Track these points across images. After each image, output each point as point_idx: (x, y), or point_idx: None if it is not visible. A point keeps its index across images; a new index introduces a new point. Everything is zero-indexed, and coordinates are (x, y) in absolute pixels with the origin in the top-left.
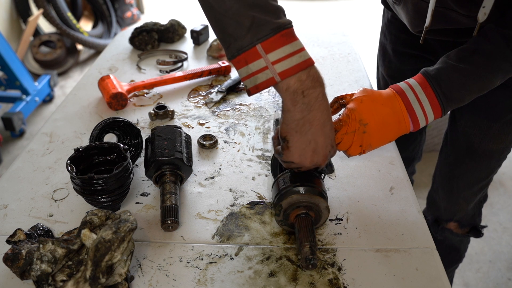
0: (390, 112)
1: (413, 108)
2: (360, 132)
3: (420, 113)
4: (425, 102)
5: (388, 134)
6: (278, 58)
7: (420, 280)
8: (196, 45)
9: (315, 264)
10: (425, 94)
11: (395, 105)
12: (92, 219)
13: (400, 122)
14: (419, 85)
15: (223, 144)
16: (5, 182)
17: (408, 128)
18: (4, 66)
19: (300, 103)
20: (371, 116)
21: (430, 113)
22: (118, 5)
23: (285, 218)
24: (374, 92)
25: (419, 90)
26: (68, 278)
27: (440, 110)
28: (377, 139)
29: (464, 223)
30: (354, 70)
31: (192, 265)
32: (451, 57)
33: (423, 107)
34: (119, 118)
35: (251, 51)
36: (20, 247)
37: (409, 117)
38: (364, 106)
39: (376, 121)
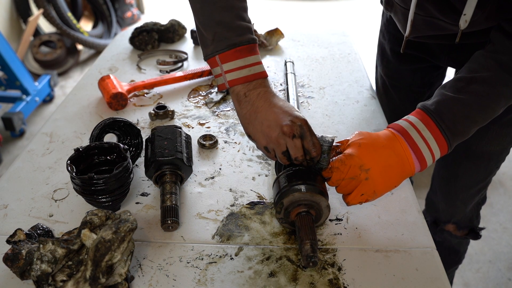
0: (392, 154)
1: (419, 147)
2: (362, 179)
3: (427, 151)
4: (431, 140)
5: (392, 179)
6: (230, 69)
7: (420, 280)
8: (196, 45)
9: (316, 262)
10: (429, 130)
11: (397, 146)
12: (92, 219)
13: (404, 164)
14: (421, 122)
15: (223, 144)
16: (5, 182)
17: (413, 169)
18: (4, 66)
19: (243, 102)
20: (373, 160)
21: (437, 150)
22: (118, 5)
23: (286, 216)
24: (372, 135)
25: (422, 127)
26: (68, 278)
27: (446, 145)
28: (382, 185)
29: (462, 225)
30: (354, 70)
31: (192, 265)
32: (448, 89)
33: (429, 144)
34: (119, 118)
35: (213, 59)
36: (20, 247)
37: (414, 157)
38: (363, 150)
39: (378, 165)
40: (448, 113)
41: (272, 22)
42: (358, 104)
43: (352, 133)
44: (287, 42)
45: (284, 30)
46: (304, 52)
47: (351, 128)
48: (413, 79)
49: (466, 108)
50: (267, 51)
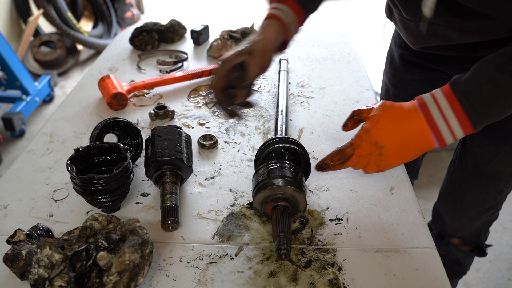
0: (409, 130)
1: (437, 125)
2: (376, 154)
3: (446, 131)
4: (452, 119)
5: (407, 154)
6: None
7: (420, 280)
8: (196, 45)
9: (287, 254)
10: (452, 109)
11: (415, 121)
12: (93, 224)
13: (421, 139)
14: (445, 98)
15: (223, 144)
16: (5, 182)
17: (432, 145)
18: (4, 66)
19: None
20: (388, 138)
21: (458, 130)
22: (118, 5)
23: (263, 209)
24: (394, 108)
25: (445, 105)
26: (66, 285)
27: (470, 126)
28: (396, 159)
29: (468, 240)
30: (354, 70)
31: (192, 265)
32: (486, 64)
33: (449, 124)
34: (119, 118)
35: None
36: (20, 248)
37: (433, 134)
38: (380, 127)
39: (393, 143)
40: (477, 93)
41: None
42: (358, 104)
43: (376, 103)
44: None
45: None
46: (304, 52)
47: None
48: (419, 90)
49: (499, 90)
50: None
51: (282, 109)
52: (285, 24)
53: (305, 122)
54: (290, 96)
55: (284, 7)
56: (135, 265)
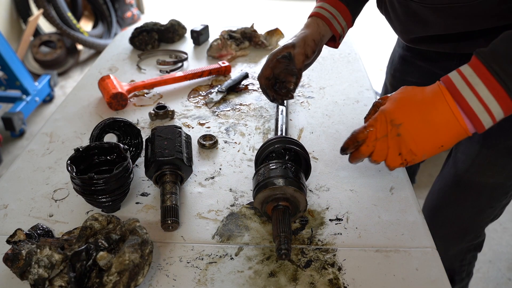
0: (433, 110)
1: (464, 98)
2: (394, 135)
3: (477, 104)
4: (480, 86)
5: (435, 137)
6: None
7: (420, 280)
8: (196, 45)
9: (287, 254)
10: (478, 75)
11: (440, 101)
12: (93, 224)
13: (451, 122)
14: (469, 67)
15: (223, 144)
16: (5, 182)
17: (466, 129)
18: (4, 66)
19: None
20: (405, 114)
21: (492, 102)
22: (118, 5)
23: (263, 209)
24: (415, 89)
25: (470, 73)
26: (66, 285)
27: (505, 94)
28: (420, 143)
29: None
30: (354, 70)
31: (192, 265)
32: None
33: (479, 94)
34: (119, 118)
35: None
36: (20, 247)
37: (463, 113)
38: (397, 103)
39: (412, 120)
40: (505, 51)
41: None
42: (358, 104)
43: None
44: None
45: (284, 30)
46: None
47: (351, 128)
48: None
49: None
50: (267, 51)
51: (282, 109)
52: (326, 19)
53: (305, 122)
54: None
55: (325, 5)
56: (135, 265)
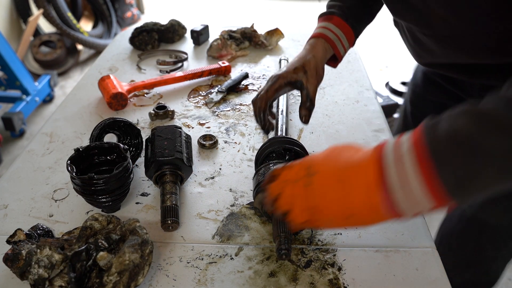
0: (352, 172)
1: (388, 177)
2: (305, 183)
3: (401, 195)
4: (412, 176)
5: (344, 202)
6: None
7: (420, 280)
8: (196, 45)
9: (287, 254)
10: (417, 161)
11: (363, 167)
12: (93, 224)
13: (364, 194)
14: (408, 141)
15: (223, 144)
16: (5, 182)
17: (379, 206)
18: (4, 66)
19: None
20: (324, 166)
21: (422, 199)
22: (118, 5)
23: (265, 212)
24: (348, 147)
25: (406, 150)
26: (66, 285)
27: (440, 187)
28: (328, 202)
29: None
30: (354, 70)
31: (192, 265)
32: (488, 101)
33: (408, 182)
34: (119, 118)
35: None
36: (20, 248)
37: (382, 198)
38: (322, 154)
39: (328, 173)
40: (456, 145)
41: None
42: (358, 104)
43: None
44: (287, 42)
45: (284, 30)
46: None
47: (351, 128)
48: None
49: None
50: (267, 51)
51: (282, 109)
52: (331, 41)
53: None
54: (290, 96)
55: (330, 25)
56: (135, 265)
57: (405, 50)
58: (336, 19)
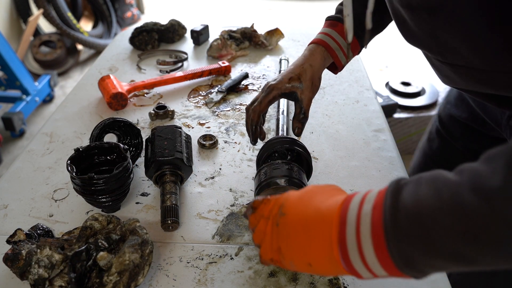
0: (317, 221)
1: (346, 236)
2: (274, 222)
3: (356, 258)
4: (366, 243)
5: (306, 249)
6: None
7: (420, 281)
8: (196, 45)
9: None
10: (371, 222)
11: (327, 220)
12: (93, 224)
13: (325, 247)
14: (372, 207)
15: (223, 144)
16: (5, 182)
17: (338, 262)
18: (4, 66)
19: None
20: (293, 208)
21: (375, 267)
22: (118, 5)
23: None
24: (322, 192)
25: (366, 212)
26: (66, 285)
27: (389, 260)
28: (291, 246)
29: None
30: (354, 70)
31: (192, 265)
32: (460, 173)
33: (362, 248)
34: (119, 118)
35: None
36: (20, 247)
37: (340, 255)
38: (296, 194)
39: (295, 217)
40: (405, 228)
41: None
42: (358, 104)
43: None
44: (287, 42)
45: (284, 30)
46: None
47: (351, 128)
48: (461, 135)
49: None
50: (267, 51)
51: (283, 109)
52: (332, 50)
53: None
54: None
55: (334, 33)
56: (135, 265)
57: (405, 50)
58: (340, 27)
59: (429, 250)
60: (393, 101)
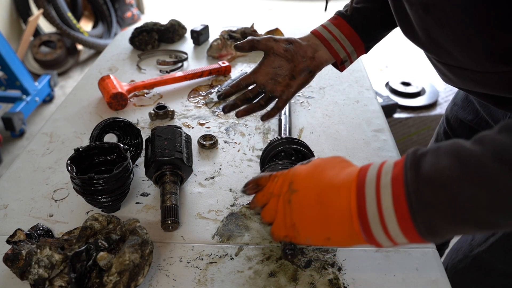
0: (333, 194)
1: (366, 209)
2: (285, 200)
3: (378, 229)
4: (388, 214)
5: (323, 224)
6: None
7: (420, 281)
8: (196, 45)
9: (294, 254)
10: (393, 194)
11: (344, 190)
12: (93, 225)
13: (343, 217)
14: (391, 171)
15: (223, 144)
16: (5, 182)
17: (358, 234)
18: (4, 66)
19: None
20: (305, 184)
21: (397, 236)
22: (118, 5)
23: None
24: (332, 164)
25: (386, 184)
26: (66, 285)
27: (413, 229)
28: (305, 222)
29: None
30: (354, 70)
31: (192, 265)
32: (476, 141)
33: (384, 219)
34: (119, 118)
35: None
36: (20, 248)
37: (361, 228)
38: (305, 170)
39: (308, 193)
40: (428, 198)
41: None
42: (358, 104)
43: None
44: None
45: (284, 30)
46: None
47: (351, 128)
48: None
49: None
50: None
51: (285, 110)
52: (326, 41)
53: (305, 122)
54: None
55: (331, 26)
56: (135, 265)
57: (405, 50)
58: (339, 20)
59: (455, 219)
60: (393, 101)
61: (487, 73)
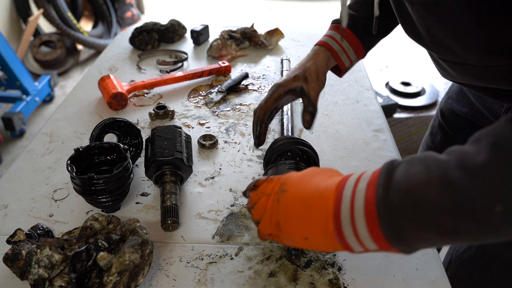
0: (316, 198)
1: (341, 210)
2: (274, 199)
3: (349, 232)
4: (359, 217)
5: (303, 223)
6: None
7: (420, 280)
8: (196, 45)
9: (298, 255)
10: (365, 197)
11: (325, 196)
12: (93, 225)
13: (321, 221)
14: (366, 185)
15: (223, 144)
16: (5, 182)
17: (332, 234)
18: (4, 66)
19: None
20: (294, 186)
21: (367, 240)
22: (118, 5)
23: None
24: (322, 172)
25: (360, 189)
26: (66, 285)
27: (380, 233)
28: (289, 220)
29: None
30: (354, 70)
31: (192, 265)
32: (454, 153)
33: (355, 222)
34: (119, 118)
35: None
36: (20, 248)
37: (335, 229)
38: (297, 174)
39: (295, 194)
40: (395, 204)
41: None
42: (358, 104)
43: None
44: (287, 42)
45: (284, 30)
46: (304, 52)
47: (351, 128)
48: (465, 136)
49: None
50: (267, 51)
51: (287, 110)
52: (334, 51)
53: None
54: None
55: (337, 36)
56: (135, 265)
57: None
58: (345, 30)
59: (417, 223)
60: (393, 101)
61: (488, 67)
